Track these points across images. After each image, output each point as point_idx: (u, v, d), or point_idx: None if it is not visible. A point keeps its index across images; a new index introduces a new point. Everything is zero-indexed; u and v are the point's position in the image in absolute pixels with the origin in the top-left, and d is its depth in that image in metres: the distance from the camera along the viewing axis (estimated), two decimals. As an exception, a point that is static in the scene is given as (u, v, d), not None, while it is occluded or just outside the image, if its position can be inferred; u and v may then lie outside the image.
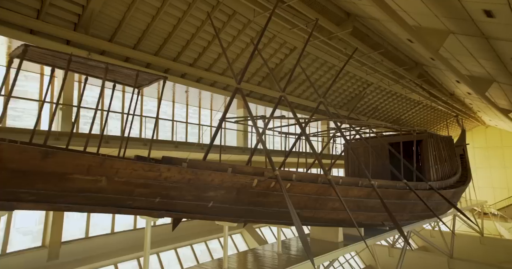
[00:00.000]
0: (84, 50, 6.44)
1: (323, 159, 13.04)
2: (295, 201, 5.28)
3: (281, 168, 8.72)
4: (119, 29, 6.89)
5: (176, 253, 8.82)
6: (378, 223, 7.80)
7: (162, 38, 7.89)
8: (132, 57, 7.63)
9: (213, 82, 10.58)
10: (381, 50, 10.47)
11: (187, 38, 8.30)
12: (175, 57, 8.62)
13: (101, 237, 7.32)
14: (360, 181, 6.58)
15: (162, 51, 8.12)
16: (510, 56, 7.58)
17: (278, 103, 6.90)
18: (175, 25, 7.63)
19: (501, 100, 15.66)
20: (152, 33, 7.52)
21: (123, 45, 7.28)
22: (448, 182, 10.92)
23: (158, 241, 8.43)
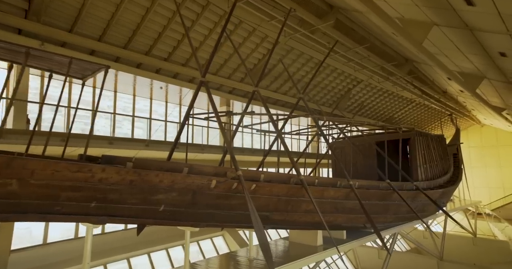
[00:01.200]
0: (38, 40, 6.00)
1: (310, 158, 12.71)
2: (262, 203, 4.94)
3: (259, 168, 8.39)
4: (79, 18, 6.48)
5: (150, 258, 8.45)
6: (360, 225, 7.50)
7: (131, 30, 7.49)
8: (98, 50, 7.23)
9: (191, 78, 10.23)
10: (366, 44, 10.18)
11: (158, 30, 7.92)
12: (147, 51, 8.24)
13: (61, 243, 6.88)
14: (339, 182, 6.28)
15: (132, 44, 7.73)
16: (497, 50, 7.32)
17: (251, 99, 6.56)
18: (143, 16, 7.24)
19: (493, 97, 15.49)
20: (118, 24, 7.12)
21: (86, 36, 6.86)
22: (437, 182, 10.68)
23: (129, 245, 8.05)
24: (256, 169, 8.81)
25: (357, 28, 10.60)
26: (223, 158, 6.86)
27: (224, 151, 6.79)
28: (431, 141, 11.49)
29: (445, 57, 10.36)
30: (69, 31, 6.53)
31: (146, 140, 8.02)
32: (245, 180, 4.54)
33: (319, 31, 9.37)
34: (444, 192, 10.31)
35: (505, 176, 31.68)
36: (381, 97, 19.34)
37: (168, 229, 9.09)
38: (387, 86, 16.81)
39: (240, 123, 6.72)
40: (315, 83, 14.60)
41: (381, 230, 8.23)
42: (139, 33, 7.68)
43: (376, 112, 21.15)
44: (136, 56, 8.07)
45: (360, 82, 16.24)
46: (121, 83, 9.09)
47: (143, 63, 8.41)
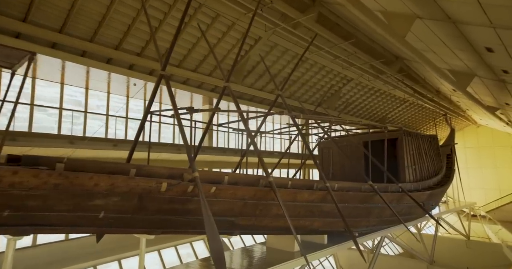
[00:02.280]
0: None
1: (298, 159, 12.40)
2: (226, 207, 4.60)
3: (236, 169, 8.07)
4: (32, 6, 6.08)
5: (120, 266, 8.06)
6: (340, 229, 7.20)
7: (96, 21, 7.11)
8: (60, 42, 6.84)
9: (170, 74, 9.86)
10: (351, 40, 9.90)
11: (128, 22, 7.56)
12: (118, 45, 7.87)
13: (19, 251, 6.44)
14: (315, 184, 5.97)
15: (98, 37, 7.36)
16: (483, 45, 7.08)
17: (222, 94, 6.23)
18: (108, 6, 6.86)
19: (486, 96, 15.31)
20: (79, 13, 6.73)
21: (43, 26, 6.46)
22: (426, 183, 10.43)
23: (101, 251, 7.65)
24: (234, 170, 8.48)
25: (343, 24, 10.33)
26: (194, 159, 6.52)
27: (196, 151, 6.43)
28: (421, 141, 11.26)
29: (433, 53, 10.11)
30: (23, 20, 6.08)
31: (114, 139, 7.65)
32: (205, 183, 4.21)
33: (301, 25, 9.07)
34: (432, 194, 10.05)
35: (501, 177, 31.64)
36: (373, 97, 19.11)
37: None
38: (378, 84, 16.58)
39: (210, 121, 6.41)
40: (303, 81, 14.31)
41: (365, 234, 7.97)
42: (105, 25, 7.32)
43: (368, 111, 20.92)
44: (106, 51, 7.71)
45: (350, 80, 15.98)
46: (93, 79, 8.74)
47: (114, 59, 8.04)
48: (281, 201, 4.67)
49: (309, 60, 12.71)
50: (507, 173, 31.17)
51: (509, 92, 12.18)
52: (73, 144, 6.13)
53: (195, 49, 9.36)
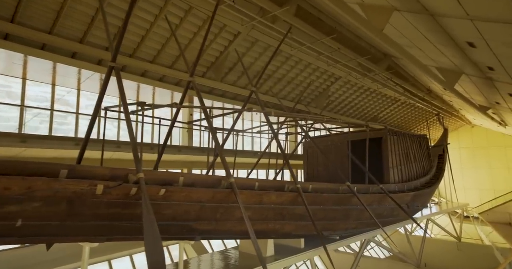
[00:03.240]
0: None
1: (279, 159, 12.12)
2: (181, 211, 4.29)
3: (209, 171, 7.78)
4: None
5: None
6: (315, 233, 6.92)
7: (54, 11, 6.74)
8: (13, 33, 6.46)
9: (143, 71, 9.55)
10: (333, 35, 9.66)
11: (91, 13, 7.20)
12: (82, 38, 7.52)
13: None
14: (286, 185, 5.69)
15: (57, 28, 6.99)
16: (464, 39, 6.86)
17: (187, 89, 5.91)
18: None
19: (476, 95, 15.16)
20: (33, 1, 6.34)
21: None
22: (412, 184, 10.22)
23: (61, 258, 7.29)
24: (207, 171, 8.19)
25: (325, 19, 10.08)
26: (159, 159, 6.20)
27: (160, 150, 6.11)
28: (409, 140, 11.07)
29: (419, 50, 9.90)
30: None
31: (76, 138, 7.30)
32: (155, 184, 3.90)
33: (280, 19, 8.80)
34: (417, 195, 9.83)
35: (496, 178, 31.68)
36: (363, 95, 18.92)
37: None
38: (367, 83, 16.38)
39: (175, 117, 6.10)
40: (289, 79, 14.06)
41: (347, 237, 7.73)
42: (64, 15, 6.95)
43: (359, 111, 20.73)
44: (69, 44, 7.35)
45: (338, 78, 15.76)
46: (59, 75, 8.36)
47: (78, 53, 7.67)
48: (242, 203, 4.39)
49: (293, 57, 12.45)
50: (501, 173, 31.22)
51: (498, 90, 12.02)
52: (25, 142, 5.77)
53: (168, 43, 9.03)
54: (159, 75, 9.91)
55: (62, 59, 7.46)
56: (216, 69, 10.87)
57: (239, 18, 8.59)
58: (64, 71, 8.08)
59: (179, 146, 10.21)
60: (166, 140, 6.07)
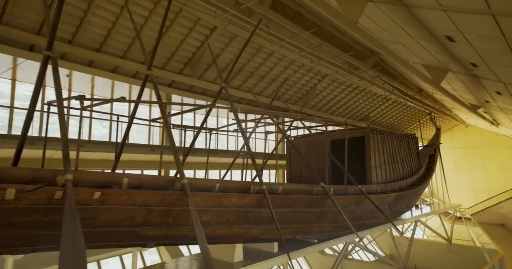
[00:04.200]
0: None
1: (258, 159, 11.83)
2: (123, 216, 3.96)
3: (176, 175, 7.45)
4: None
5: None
6: (288, 237, 6.65)
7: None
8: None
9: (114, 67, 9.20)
10: (312, 29, 9.40)
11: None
12: (38, 30, 7.16)
13: None
14: (252, 186, 5.40)
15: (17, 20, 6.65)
16: (442, 33, 6.63)
17: (145, 82, 5.58)
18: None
19: (465, 94, 15.03)
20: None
21: None
22: (397, 184, 9.98)
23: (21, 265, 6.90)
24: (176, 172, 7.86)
25: (306, 13, 9.83)
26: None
27: (119, 149, 5.78)
28: (396, 139, 10.85)
29: (402, 45, 9.68)
30: None
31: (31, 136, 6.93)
32: (90, 187, 3.57)
33: (256, 13, 8.52)
34: (400, 196, 9.59)
35: (490, 178, 31.70)
36: (352, 94, 18.71)
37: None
38: (354, 81, 16.18)
39: (134, 114, 5.78)
40: (273, 77, 13.78)
41: (326, 240, 7.48)
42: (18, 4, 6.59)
43: (349, 110, 20.53)
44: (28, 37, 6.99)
45: (325, 76, 15.53)
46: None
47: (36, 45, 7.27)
48: (193, 206, 4.08)
49: (277, 54, 12.18)
50: (496, 173, 31.25)
51: (485, 88, 11.86)
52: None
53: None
54: (131, 71, 9.55)
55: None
56: (193, 65, 10.56)
57: (213, 11, 8.30)
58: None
59: (152, 146, 9.89)
60: (125, 138, 5.75)
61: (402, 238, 17.48)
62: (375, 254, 10.89)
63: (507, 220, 24.51)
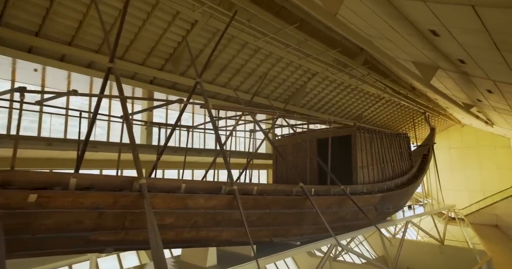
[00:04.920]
0: None
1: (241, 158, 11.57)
2: (69, 220, 3.68)
3: (151, 173, 7.20)
4: None
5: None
6: (264, 240, 6.41)
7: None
8: None
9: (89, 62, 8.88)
10: (296, 24, 9.17)
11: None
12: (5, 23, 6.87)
13: None
14: (223, 186, 5.15)
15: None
16: (426, 27, 6.44)
17: (107, 76, 5.27)
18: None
19: (457, 92, 14.90)
20: None
21: None
22: (385, 185, 9.78)
23: None
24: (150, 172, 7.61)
25: (290, 7, 9.60)
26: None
27: (82, 147, 5.50)
28: (385, 138, 10.66)
29: (389, 41, 9.50)
30: None
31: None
32: (23, 189, 3.28)
33: (237, 7, 8.27)
34: (386, 196, 9.38)
35: (485, 179, 31.71)
36: (344, 93, 18.52)
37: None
38: (345, 79, 15.99)
39: (97, 110, 5.48)
40: (260, 74, 13.54)
41: (309, 242, 7.27)
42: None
43: (341, 109, 20.35)
44: None
45: (316, 74, 15.31)
46: None
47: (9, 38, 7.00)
48: (150, 208, 3.82)
49: (263, 50, 11.94)
50: (491, 174, 31.27)
51: (476, 86, 11.72)
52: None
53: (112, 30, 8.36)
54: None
55: None
56: (175, 61, 10.28)
57: (191, 4, 8.03)
58: None
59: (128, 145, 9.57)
60: (88, 136, 5.46)
61: (395, 239, 17.36)
62: (361, 255, 10.66)
63: (501, 221, 24.48)
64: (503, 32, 4.95)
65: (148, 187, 4.26)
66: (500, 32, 5.00)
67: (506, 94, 10.97)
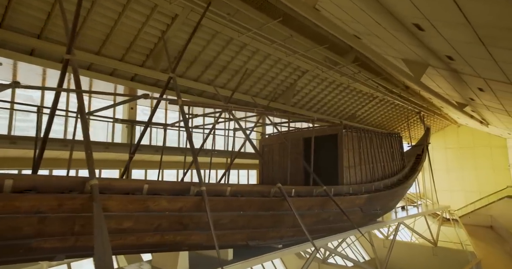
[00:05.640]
0: None
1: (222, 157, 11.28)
2: (3, 227, 3.39)
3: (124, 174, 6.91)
4: None
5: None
6: (240, 243, 6.16)
7: None
8: None
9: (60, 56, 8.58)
10: (279, 18, 8.93)
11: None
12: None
13: None
14: (192, 187, 4.89)
15: None
16: (410, 21, 6.22)
17: (65, 68, 4.95)
18: None
19: (450, 91, 14.74)
20: None
21: None
22: (372, 186, 9.56)
23: None
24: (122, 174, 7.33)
25: (275, 2, 9.34)
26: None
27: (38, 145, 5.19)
28: (375, 138, 10.44)
29: (377, 37, 9.28)
30: None
31: None
32: None
33: (219, 1, 8.01)
34: (373, 197, 9.16)
35: (481, 179, 31.67)
36: (336, 91, 18.30)
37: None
38: (336, 77, 15.77)
39: (55, 105, 5.17)
40: (248, 72, 13.28)
41: (290, 246, 7.04)
42: None
43: (334, 108, 20.13)
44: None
45: (306, 72, 15.08)
46: None
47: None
48: (99, 211, 3.54)
49: (249, 47, 11.68)
50: (487, 174, 31.23)
51: (467, 84, 11.54)
52: None
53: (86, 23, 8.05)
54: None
55: None
56: (155, 57, 10.00)
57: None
58: None
59: (105, 143, 9.29)
60: (46, 133, 5.17)
61: (388, 240, 17.21)
62: (345, 257, 10.46)
63: (496, 222, 24.41)
64: (486, 25, 4.74)
65: (105, 189, 3.99)
66: (483, 25, 4.79)
67: (498, 93, 10.80)
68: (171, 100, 5.49)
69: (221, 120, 8.35)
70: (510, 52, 5.84)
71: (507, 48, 5.71)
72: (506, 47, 5.59)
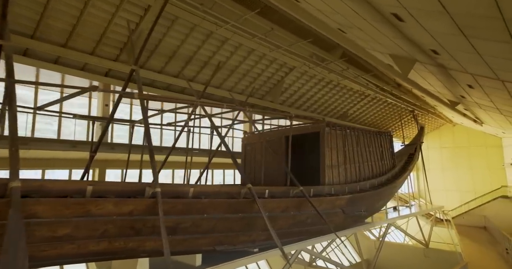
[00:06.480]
0: None
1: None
2: None
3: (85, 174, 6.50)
4: None
5: None
6: (207, 248, 5.81)
7: None
8: None
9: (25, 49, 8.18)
10: (257, 10, 8.57)
11: None
12: None
13: None
14: (147, 188, 4.50)
15: None
16: (388, 11, 5.90)
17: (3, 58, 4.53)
18: None
19: (440, 88, 14.49)
20: None
21: None
22: (357, 186, 9.23)
23: None
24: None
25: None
26: None
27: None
28: (362, 136, 10.12)
29: (360, 30, 8.95)
30: None
31: None
32: None
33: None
34: (355, 198, 8.84)
35: (476, 179, 31.55)
36: (326, 89, 18.00)
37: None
38: (325, 74, 15.45)
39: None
40: (231, 68, 12.93)
41: (266, 249, 6.73)
42: None
43: (325, 106, 19.82)
44: None
45: (293, 69, 14.75)
46: None
47: None
48: (18, 218, 3.15)
49: (230, 41, 11.32)
50: (482, 174, 31.12)
51: (456, 80, 11.28)
52: None
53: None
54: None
55: None
56: (129, 51, 9.60)
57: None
58: None
59: (74, 141, 8.90)
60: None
61: (379, 241, 16.95)
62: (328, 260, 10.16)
63: (489, 223, 24.25)
64: (464, 13, 4.44)
65: (35, 192, 3.60)
66: (460, 13, 4.48)
67: (487, 89, 10.54)
68: (127, 93, 5.12)
69: (194, 117, 7.99)
70: (493, 44, 5.55)
71: (490, 40, 5.42)
72: (488, 38, 5.30)
